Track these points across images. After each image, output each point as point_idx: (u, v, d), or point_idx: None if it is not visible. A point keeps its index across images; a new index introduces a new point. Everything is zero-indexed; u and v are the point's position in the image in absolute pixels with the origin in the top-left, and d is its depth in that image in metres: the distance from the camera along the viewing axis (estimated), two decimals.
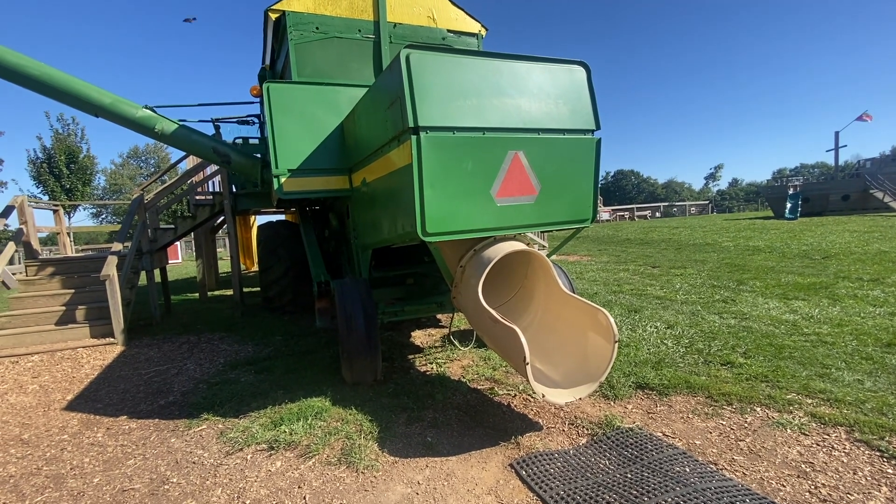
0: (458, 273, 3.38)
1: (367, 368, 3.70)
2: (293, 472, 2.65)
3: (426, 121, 2.87)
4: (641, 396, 3.41)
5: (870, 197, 21.44)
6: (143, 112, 5.46)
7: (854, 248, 10.43)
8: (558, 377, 3.12)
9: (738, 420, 2.97)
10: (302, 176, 4.53)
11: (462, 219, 3.07)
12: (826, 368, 3.61)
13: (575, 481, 2.37)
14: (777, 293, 6.35)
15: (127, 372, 4.66)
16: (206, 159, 5.88)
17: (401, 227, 3.25)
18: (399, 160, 3.14)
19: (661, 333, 4.79)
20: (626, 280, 8.28)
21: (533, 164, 3.23)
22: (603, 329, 2.98)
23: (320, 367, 4.36)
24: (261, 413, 3.41)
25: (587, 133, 3.44)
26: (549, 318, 3.50)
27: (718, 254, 11.25)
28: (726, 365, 3.83)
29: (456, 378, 3.92)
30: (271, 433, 3.05)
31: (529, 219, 3.29)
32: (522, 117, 3.19)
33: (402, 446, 2.86)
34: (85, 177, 22.02)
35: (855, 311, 5.21)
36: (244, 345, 5.46)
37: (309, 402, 3.49)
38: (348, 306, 3.68)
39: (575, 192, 3.46)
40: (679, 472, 2.36)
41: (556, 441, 2.84)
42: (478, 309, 3.05)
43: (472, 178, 3.05)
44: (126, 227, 6.24)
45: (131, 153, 50.57)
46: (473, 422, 3.14)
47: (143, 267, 6.82)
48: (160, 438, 3.20)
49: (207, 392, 3.94)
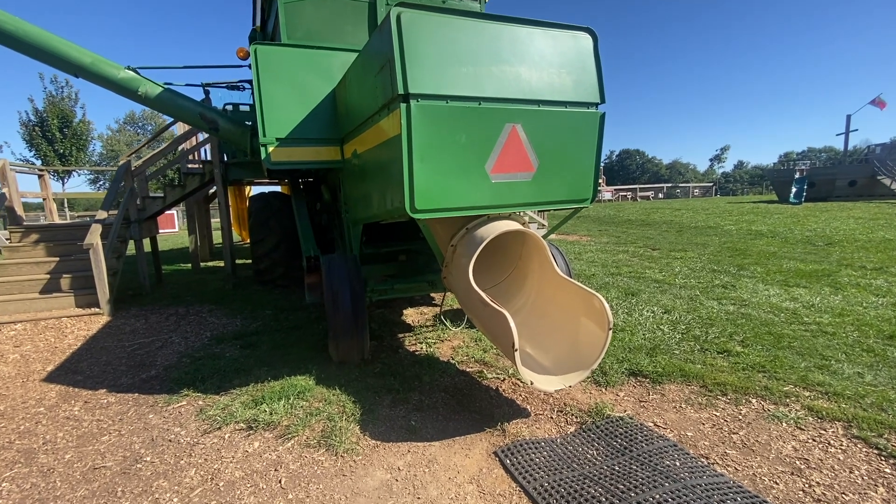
0: (448, 252, 3.23)
1: (353, 347, 3.60)
2: (270, 454, 2.56)
3: (417, 87, 2.66)
4: (634, 384, 3.31)
5: (877, 183, 21.11)
6: (125, 73, 5.20)
7: (858, 235, 10.25)
8: (549, 363, 3.01)
9: (732, 411, 2.88)
10: (291, 145, 4.32)
11: (454, 195, 2.90)
12: (825, 360, 3.51)
13: (560, 472, 2.29)
14: (778, 280, 6.22)
15: (111, 343, 4.57)
16: (193, 125, 5.64)
17: (389, 202, 3.08)
18: (388, 130, 2.94)
19: (657, 318, 4.68)
20: (625, 262, 8.14)
21: (531, 139, 3.03)
22: (597, 315, 2.85)
23: (308, 344, 4.27)
24: (242, 390, 3.32)
25: (591, 107, 3.22)
26: (543, 302, 3.37)
27: (720, 237, 11.08)
28: (723, 353, 3.73)
29: (445, 359, 3.82)
30: (251, 412, 2.97)
31: (526, 197, 3.12)
32: (522, 87, 2.97)
33: (385, 429, 2.77)
34: (80, 142, 21.51)
35: (857, 300, 5.08)
36: (232, 318, 5.36)
37: (292, 380, 3.39)
38: (335, 283, 3.55)
39: (575, 170, 3.27)
40: (669, 467, 2.27)
41: (543, 428, 2.75)
42: (467, 290, 2.92)
43: (465, 152, 2.85)
44: (112, 194, 6.05)
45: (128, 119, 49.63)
46: (460, 406, 3.05)
47: (132, 236, 6.66)
48: (138, 414, 3.12)
49: (190, 367, 3.84)
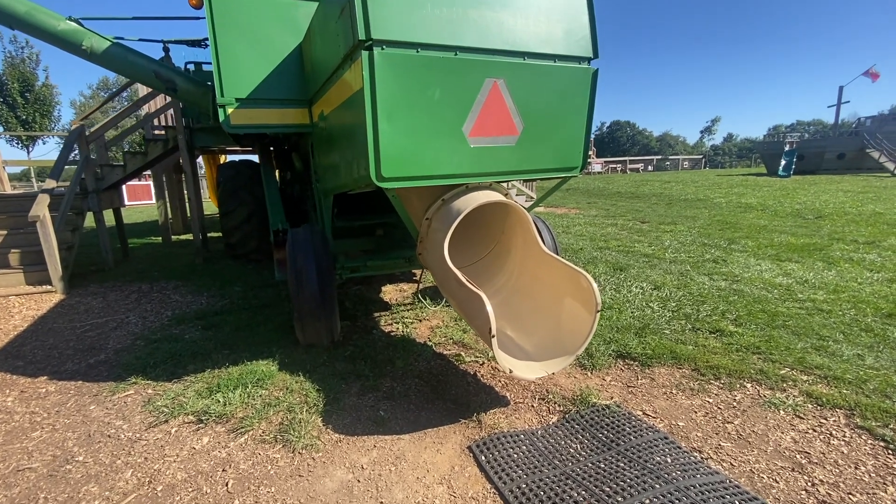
0: (423, 226, 2.91)
1: (320, 330, 3.30)
2: (220, 451, 2.29)
3: (381, 32, 2.27)
4: (622, 367, 3.09)
5: (866, 156, 21.05)
6: (66, 24, 4.63)
7: (848, 208, 10.14)
8: (531, 347, 2.76)
9: (726, 398, 2.68)
10: (253, 107, 3.90)
11: (427, 161, 2.55)
12: (823, 340, 3.32)
13: (540, 471, 2.06)
14: (770, 254, 6.04)
15: (60, 324, 4.22)
16: (147, 85, 5.12)
17: (355, 169, 2.72)
18: (351, 85, 2.56)
19: (646, 295, 4.46)
20: (614, 235, 7.90)
21: (515, 97, 2.67)
22: (584, 295, 2.58)
23: (275, 325, 3.96)
24: (197, 377, 3.03)
25: (583, 62, 2.86)
26: (526, 280, 3.10)
27: (710, 210, 10.89)
28: (715, 333, 3.53)
29: (421, 341, 3.56)
30: (203, 402, 2.68)
31: (509, 164, 2.78)
32: (505, 37, 2.59)
33: (350, 421, 2.52)
34: (44, 108, 20.25)
35: (851, 276, 4.92)
36: (198, 296, 5.01)
37: (253, 365, 3.11)
38: (300, 260, 3.21)
39: (564, 134, 2.93)
40: (659, 464, 2.06)
41: (523, 419, 2.52)
42: (443, 268, 2.62)
43: (439, 111, 2.50)
44: (62, 162, 5.54)
45: (101, 84, 47.11)
46: (434, 393, 2.80)
47: (90, 207, 6.19)
48: (78, 405, 2.82)
49: (144, 350, 3.53)
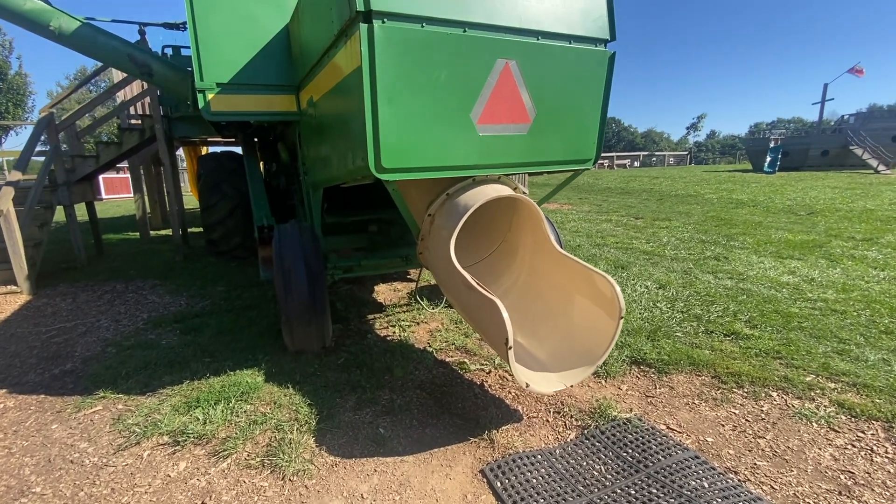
0: (425, 223, 2.65)
1: (311, 335, 3.03)
2: (199, 479, 2.02)
3: (382, 3, 2.00)
4: (637, 374, 2.89)
5: (849, 153, 21.34)
6: (33, 3, 4.23)
7: (839, 204, 10.16)
8: (544, 355, 2.54)
9: (752, 408, 2.50)
10: (235, 92, 3.59)
11: (431, 151, 2.29)
12: (843, 343, 3.17)
13: (564, 500, 1.84)
14: (770, 251, 5.93)
15: (25, 329, 3.86)
16: (121, 69, 4.73)
17: (350, 160, 2.44)
18: (346, 65, 2.28)
19: (653, 295, 4.28)
20: (610, 232, 7.74)
21: (528, 81, 2.42)
22: (605, 299, 2.36)
23: (260, 328, 3.67)
24: (174, 390, 2.73)
25: (599, 44, 2.62)
26: (536, 281, 2.87)
27: (702, 206, 10.83)
28: (730, 336, 3.35)
29: (421, 346, 3.31)
30: (181, 420, 2.40)
31: (520, 155, 2.54)
32: (518, 14, 2.34)
33: (347, 441, 2.26)
34: (17, 97, 19.32)
35: (857, 273, 4.81)
36: (177, 296, 4.68)
37: (236, 376, 2.83)
38: (287, 260, 2.93)
39: (577, 123, 2.70)
40: (696, 489, 1.85)
41: (538, 435, 2.30)
42: (448, 269, 2.37)
43: (446, 95, 2.24)
44: (28, 153, 5.12)
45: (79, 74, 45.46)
46: (438, 407, 2.55)
47: (60, 201, 5.77)
48: (38, 424, 2.50)
49: (115, 358, 3.21)
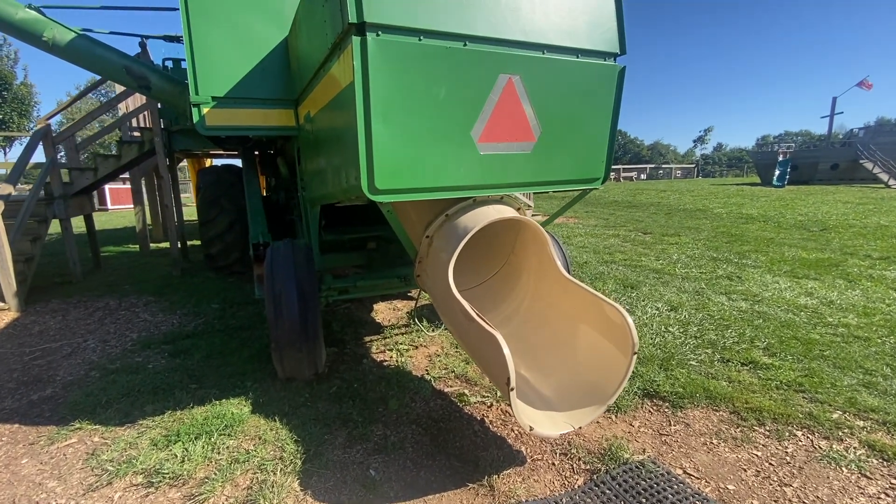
0: (423, 245, 2.50)
1: (302, 362, 2.85)
2: None
3: (376, 15, 1.87)
4: (650, 408, 2.69)
5: (859, 167, 21.05)
6: (26, 13, 4.19)
7: (852, 220, 9.92)
8: (549, 391, 2.35)
9: (776, 450, 2.29)
10: (232, 106, 3.51)
11: (429, 171, 2.15)
12: (869, 374, 2.96)
13: None
14: (785, 270, 5.72)
15: (7, 349, 3.72)
16: (117, 81, 4.65)
17: (344, 179, 2.31)
18: (340, 79, 2.15)
19: (664, 317, 4.08)
20: (618, 247, 7.55)
21: (533, 97, 2.28)
22: (616, 332, 2.20)
23: (252, 351, 3.51)
24: (155, 421, 2.57)
25: (608, 58, 2.48)
26: (541, 307, 2.70)
27: (711, 221, 10.61)
28: (748, 365, 3.15)
29: (419, 374, 3.13)
30: (158, 456, 2.23)
31: (523, 174, 2.39)
32: (522, 26, 2.21)
33: (334, 485, 2.08)
34: (22, 107, 19.50)
35: (878, 296, 4.59)
36: (170, 314, 4.54)
37: (221, 406, 2.66)
38: (278, 282, 2.78)
39: (585, 141, 2.55)
40: None
41: (542, 481, 2.11)
42: (447, 296, 2.21)
43: (445, 112, 2.10)
44: (21, 165, 5.05)
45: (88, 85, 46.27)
46: (434, 445, 2.37)
47: (56, 215, 5.68)
48: (8, 458, 2.34)
49: (97, 384, 3.05)
